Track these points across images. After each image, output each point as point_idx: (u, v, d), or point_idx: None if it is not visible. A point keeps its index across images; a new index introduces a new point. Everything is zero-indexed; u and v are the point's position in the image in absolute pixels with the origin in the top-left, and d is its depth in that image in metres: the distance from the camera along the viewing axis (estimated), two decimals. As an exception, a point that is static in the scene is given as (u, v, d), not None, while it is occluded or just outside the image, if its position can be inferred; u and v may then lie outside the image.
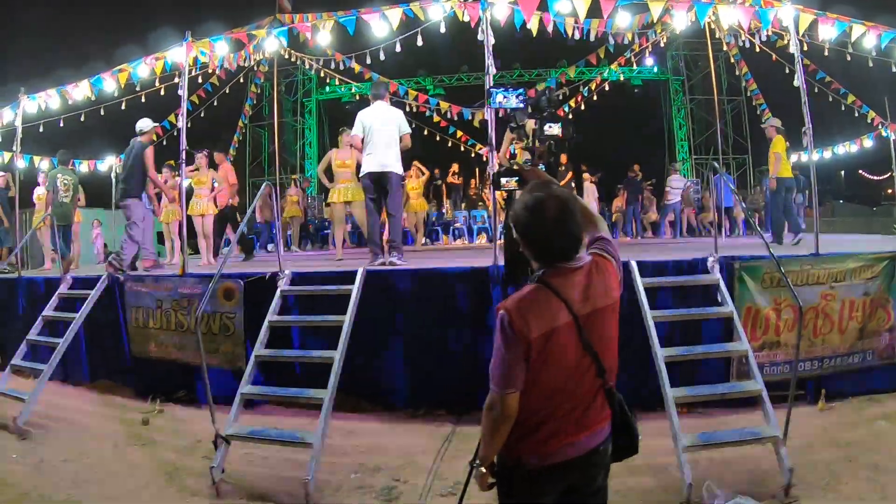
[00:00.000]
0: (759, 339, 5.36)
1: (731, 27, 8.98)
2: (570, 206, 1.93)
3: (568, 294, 1.87)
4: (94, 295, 6.52)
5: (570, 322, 1.85)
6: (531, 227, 1.93)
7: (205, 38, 7.61)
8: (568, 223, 1.91)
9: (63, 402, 6.39)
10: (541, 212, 1.90)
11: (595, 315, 1.91)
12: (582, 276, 1.93)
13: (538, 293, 1.90)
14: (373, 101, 6.78)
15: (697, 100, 18.75)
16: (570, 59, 17.62)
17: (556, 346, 1.84)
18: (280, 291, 5.47)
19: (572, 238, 1.92)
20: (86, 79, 8.50)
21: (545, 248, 1.95)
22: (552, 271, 1.93)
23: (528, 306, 1.86)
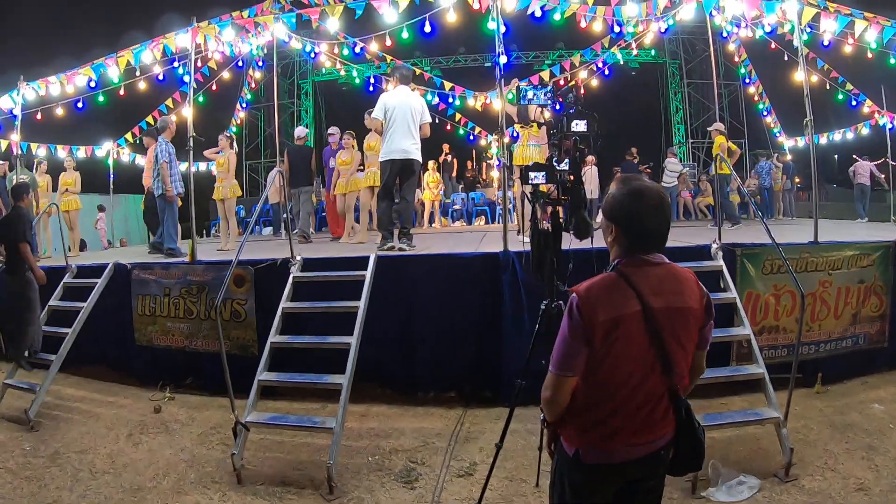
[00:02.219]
0: (758, 324, 5.53)
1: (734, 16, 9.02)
2: (666, 197, 1.99)
3: (641, 285, 1.87)
4: (100, 284, 6.50)
5: (639, 311, 1.84)
6: (633, 212, 1.93)
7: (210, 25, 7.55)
8: (665, 211, 1.96)
9: (73, 393, 6.44)
10: (642, 198, 1.92)
11: (668, 312, 1.87)
12: (659, 271, 1.93)
13: (611, 280, 1.91)
14: (396, 84, 6.74)
15: (695, 84, 18.75)
16: (568, 42, 17.62)
17: (623, 334, 1.83)
18: (292, 278, 5.51)
19: (666, 226, 1.96)
20: (87, 65, 8.46)
21: (641, 234, 1.94)
22: (629, 261, 1.93)
23: (598, 291, 1.87)
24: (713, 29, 10.54)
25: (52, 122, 10.07)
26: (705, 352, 2.07)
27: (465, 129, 16.46)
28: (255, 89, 17.03)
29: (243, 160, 19.65)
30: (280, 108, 18.11)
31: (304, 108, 20.84)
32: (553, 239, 3.29)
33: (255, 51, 13.29)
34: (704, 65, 17.64)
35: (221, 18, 9.97)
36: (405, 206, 6.75)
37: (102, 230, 16.32)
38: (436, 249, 6.64)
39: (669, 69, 19.45)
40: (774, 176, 14.33)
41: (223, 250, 8.49)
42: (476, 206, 15.28)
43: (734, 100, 18.50)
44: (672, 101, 19.51)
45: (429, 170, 13.72)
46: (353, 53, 11.84)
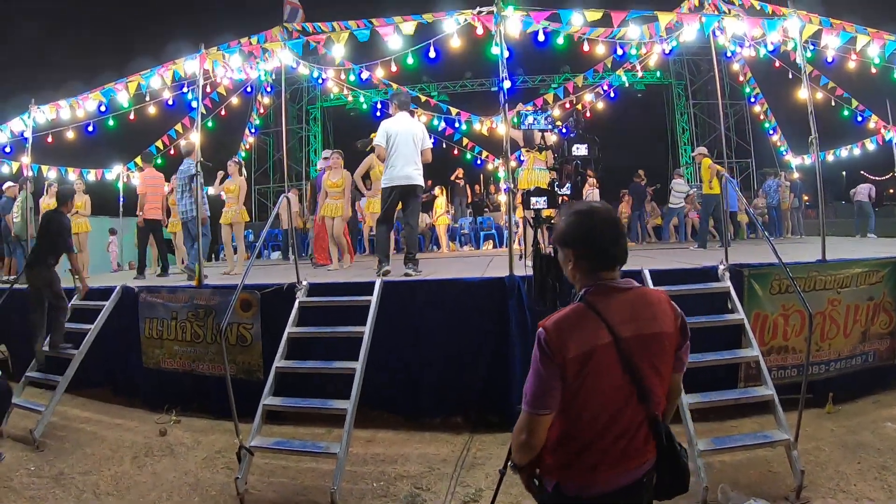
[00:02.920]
0: (767, 345, 5.48)
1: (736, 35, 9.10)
2: (616, 215, 1.97)
3: (610, 314, 1.82)
4: (108, 306, 6.58)
5: (610, 342, 1.79)
6: (584, 233, 1.92)
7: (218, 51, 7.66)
8: (619, 226, 1.95)
9: (78, 414, 6.45)
10: (592, 218, 1.91)
11: (640, 339, 1.83)
12: (627, 296, 1.89)
13: (579, 312, 1.85)
14: (397, 111, 6.74)
15: (700, 104, 18.82)
16: (574, 66, 17.75)
17: (596, 366, 1.78)
18: (298, 303, 5.53)
19: (623, 241, 1.94)
20: (97, 90, 8.61)
21: (599, 255, 1.92)
22: (595, 289, 1.89)
23: (566, 325, 1.82)
24: (717, 49, 10.60)
25: (63, 145, 10.23)
26: (682, 374, 2.03)
27: (473, 153, 16.53)
28: (264, 115, 17.19)
29: (252, 185, 19.82)
30: (288, 133, 18.32)
31: (313, 134, 21.05)
32: (555, 263, 3.29)
33: (263, 77, 13.48)
34: (710, 85, 17.75)
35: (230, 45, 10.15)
36: (409, 231, 6.71)
37: (114, 253, 16.45)
38: (442, 274, 6.62)
39: (675, 90, 19.56)
40: (782, 194, 14.32)
41: (228, 274, 8.54)
42: (484, 231, 15.28)
43: (740, 119, 18.55)
44: (678, 122, 19.59)
45: (438, 195, 13.79)
46: (360, 79, 11.97)
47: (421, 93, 16.13)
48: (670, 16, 6.73)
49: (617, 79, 14.51)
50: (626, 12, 6.59)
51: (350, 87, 13.93)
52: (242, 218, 9.20)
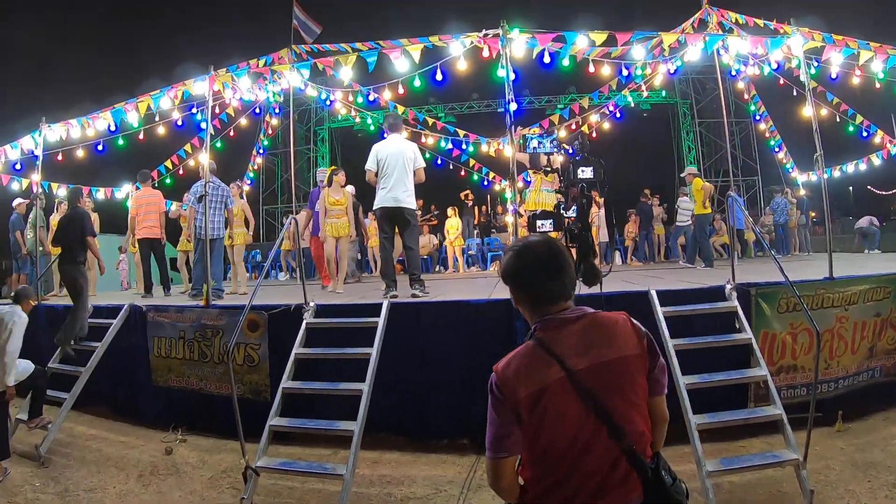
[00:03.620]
0: (775, 364, 5.46)
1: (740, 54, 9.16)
2: (556, 246, 1.90)
3: (561, 348, 1.76)
4: (116, 324, 6.67)
5: (563, 378, 1.72)
6: (517, 272, 1.89)
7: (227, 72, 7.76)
8: (554, 263, 1.86)
9: (85, 431, 6.48)
10: (524, 256, 1.88)
11: (599, 369, 1.74)
12: (578, 326, 1.81)
13: (527, 350, 1.80)
14: (388, 134, 6.79)
15: (706, 123, 18.87)
16: (580, 86, 17.86)
17: (550, 404, 1.71)
18: (305, 324, 5.56)
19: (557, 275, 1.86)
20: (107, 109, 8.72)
21: (534, 293, 1.88)
22: (543, 324, 1.84)
23: (516, 365, 1.78)
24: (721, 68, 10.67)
25: (73, 163, 10.29)
26: (663, 397, 1.90)
27: (480, 174, 16.60)
28: (272, 135, 17.32)
29: (260, 205, 19.94)
30: (296, 153, 18.48)
31: (321, 154, 21.21)
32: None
33: (271, 98, 13.61)
34: (715, 103, 17.82)
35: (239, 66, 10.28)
36: (411, 254, 6.70)
37: (124, 272, 16.53)
38: (449, 296, 6.61)
39: (681, 109, 19.63)
40: (789, 212, 14.30)
41: (233, 293, 8.57)
42: (491, 251, 15.28)
43: (746, 137, 18.63)
44: (684, 141, 19.63)
45: (451, 216, 13.84)
46: (367, 101, 12.07)
47: (428, 114, 16.24)
48: (674, 36, 6.78)
49: (622, 99, 14.59)
50: (630, 33, 6.65)
51: (357, 109, 14.04)
52: (243, 240, 9.34)
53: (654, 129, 20.49)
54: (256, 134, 16.58)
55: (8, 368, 5.38)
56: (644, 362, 1.81)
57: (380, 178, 6.57)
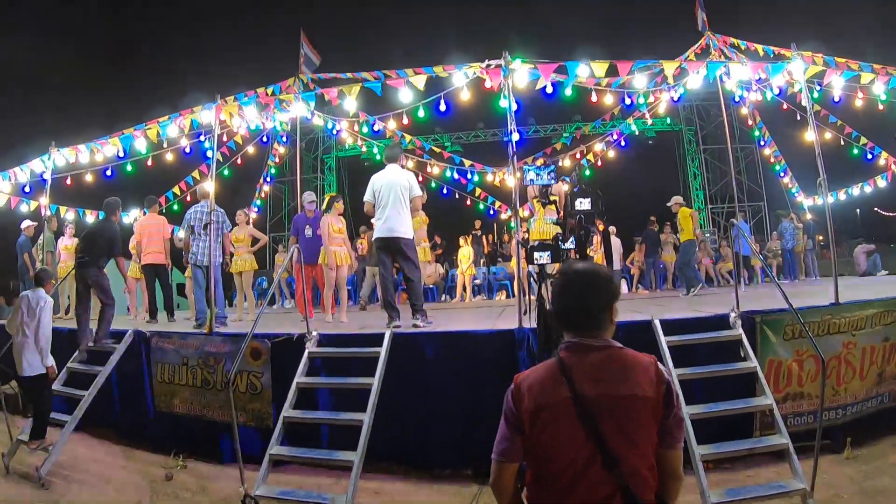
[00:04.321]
0: (782, 391, 5.40)
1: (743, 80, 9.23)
2: (597, 279, 1.90)
3: (576, 371, 1.79)
4: (120, 349, 6.68)
5: (568, 399, 1.74)
6: (558, 289, 1.95)
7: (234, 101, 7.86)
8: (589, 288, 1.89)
9: (86, 454, 6.43)
10: (566, 275, 1.97)
11: (606, 400, 1.75)
12: (599, 356, 1.83)
13: (547, 367, 1.87)
14: (386, 164, 6.79)
15: (711, 149, 18.90)
16: (585, 114, 17.98)
17: (550, 422, 1.75)
18: (308, 353, 5.55)
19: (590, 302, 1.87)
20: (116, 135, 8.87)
21: (564, 310, 1.92)
22: (568, 346, 1.87)
23: (532, 378, 1.85)
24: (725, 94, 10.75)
25: (82, 187, 10.45)
26: (676, 452, 1.84)
27: (486, 203, 16.64)
28: (279, 164, 17.46)
29: (267, 232, 20.03)
30: (303, 182, 18.60)
31: (328, 183, 21.33)
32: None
33: (279, 126, 13.78)
34: (719, 130, 17.86)
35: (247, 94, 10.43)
36: (410, 285, 6.64)
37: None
38: (452, 326, 6.58)
39: (685, 136, 19.69)
40: (796, 237, 14.26)
41: (238, 321, 8.58)
42: (497, 280, 15.25)
43: (751, 162, 18.62)
44: (690, 168, 19.65)
45: (461, 245, 13.84)
46: (372, 131, 12.19)
47: (434, 144, 16.39)
48: (675, 64, 6.84)
49: (627, 127, 14.68)
50: (631, 62, 6.71)
51: (364, 138, 14.18)
52: (251, 267, 9.36)
53: (659, 157, 20.56)
54: (264, 162, 16.76)
55: (44, 350, 5.87)
56: (657, 408, 1.78)
57: (376, 209, 6.57)
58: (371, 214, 6.67)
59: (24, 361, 5.81)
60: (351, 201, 15.88)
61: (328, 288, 8.24)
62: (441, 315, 8.13)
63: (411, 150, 15.06)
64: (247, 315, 9.16)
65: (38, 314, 5.91)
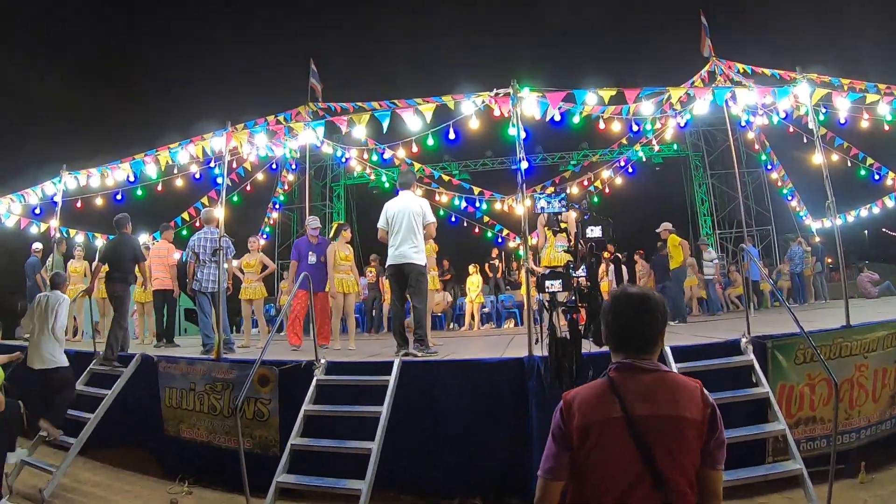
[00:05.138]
0: (794, 416, 5.34)
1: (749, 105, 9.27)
2: (650, 303, 1.96)
3: (626, 391, 1.83)
4: (126, 373, 6.74)
5: (620, 417, 1.78)
6: (612, 310, 1.98)
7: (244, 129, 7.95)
8: (645, 312, 1.93)
9: (90, 478, 6.41)
10: (621, 298, 1.98)
11: (656, 421, 1.79)
12: (649, 378, 1.88)
13: (597, 386, 1.91)
14: (399, 190, 6.81)
15: (718, 174, 18.86)
16: (592, 142, 18.06)
17: (601, 440, 1.78)
18: (316, 381, 5.55)
19: (645, 326, 1.93)
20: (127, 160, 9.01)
21: (620, 332, 1.96)
22: (619, 367, 1.92)
23: (583, 395, 1.88)
24: (731, 119, 10.79)
25: (92, 211, 10.60)
26: (718, 473, 1.89)
27: (494, 231, 16.65)
28: (288, 191, 17.57)
29: (276, 259, 20.07)
30: (313, 209, 18.69)
31: (336, 210, 21.39)
32: (570, 347, 3.26)
33: (288, 154, 13.93)
34: (726, 155, 17.84)
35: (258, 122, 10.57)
36: (415, 312, 6.60)
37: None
38: (461, 355, 6.55)
39: (692, 161, 19.67)
40: (805, 260, 14.17)
41: (245, 347, 8.57)
42: (505, 308, 15.19)
43: (758, 186, 18.50)
44: (697, 193, 19.60)
45: (471, 273, 13.83)
46: (382, 159, 12.28)
47: (443, 172, 16.48)
48: (682, 90, 6.88)
49: (634, 154, 14.73)
50: (638, 90, 6.76)
51: (372, 166, 14.28)
52: (261, 294, 9.42)
53: (667, 183, 20.52)
54: (273, 189, 16.88)
55: (60, 346, 6.40)
56: (702, 431, 1.83)
57: (389, 236, 6.58)
58: (385, 241, 6.68)
59: (45, 354, 6.25)
60: (359, 229, 15.91)
61: (335, 316, 8.18)
62: (450, 343, 8.09)
63: (420, 178, 15.16)
64: (257, 342, 9.15)
65: (55, 310, 6.42)
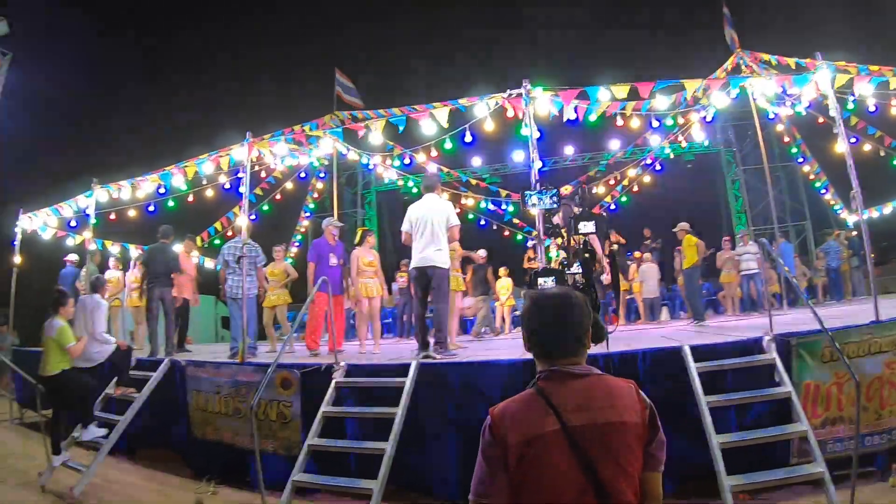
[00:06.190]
0: (820, 416, 5.14)
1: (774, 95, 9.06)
2: (572, 302, 1.86)
3: (560, 401, 1.72)
4: (156, 377, 6.99)
5: (558, 430, 1.67)
6: (530, 318, 1.89)
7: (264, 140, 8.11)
8: (567, 313, 1.84)
9: (120, 477, 6.64)
10: (539, 304, 1.88)
11: (596, 429, 1.69)
12: (582, 384, 1.78)
13: (527, 397, 1.79)
14: (424, 194, 6.83)
15: (750, 170, 18.34)
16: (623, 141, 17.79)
17: (539, 455, 1.66)
18: (335, 383, 5.64)
19: (569, 328, 1.84)
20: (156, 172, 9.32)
21: (543, 341, 1.87)
22: (547, 375, 1.81)
23: (513, 410, 1.76)
24: (759, 111, 10.54)
25: (126, 222, 10.97)
26: (658, 474, 1.81)
27: (523, 233, 16.59)
28: (318, 199, 17.79)
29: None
30: (345, 217, 18.87)
31: (368, 217, 21.53)
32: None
33: (315, 163, 14.13)
34: (758, 149, 17.41)
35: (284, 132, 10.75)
36: (436, 315, 6.62)
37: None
38: (478, 356, 6.57)
39: (724, 157, 19.24)
40: (840, 255, 13.75)
41: (272, 352, 8.80)
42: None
43: (792, 180, 17.95)
44: (730, 190, 19.16)
45: (500, 276, 13.77)
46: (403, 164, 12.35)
47: (472, 176, 16.46)
48: (697, 83, 6.76)
49: (661, 151, 14.52)
50: (652, 83, 6.67)
51: (400, 173, 14.37)
52: (284, 301, 9.67)
53: (699, 180, 20.08)
54: (303, 197, 17.12)
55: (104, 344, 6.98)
56: (643, 433, 1.76)
57: (413, 239, 6.60)
58: (408, 244, 6.70)
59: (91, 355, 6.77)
60: (391, 235, 16.02)
61: (361, 320, 8.30)
62: (475, 346, 8.07)
63: (447, 182, 15.23)
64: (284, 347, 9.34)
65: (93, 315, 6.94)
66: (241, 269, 7.95)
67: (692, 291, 10.43)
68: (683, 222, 10.55)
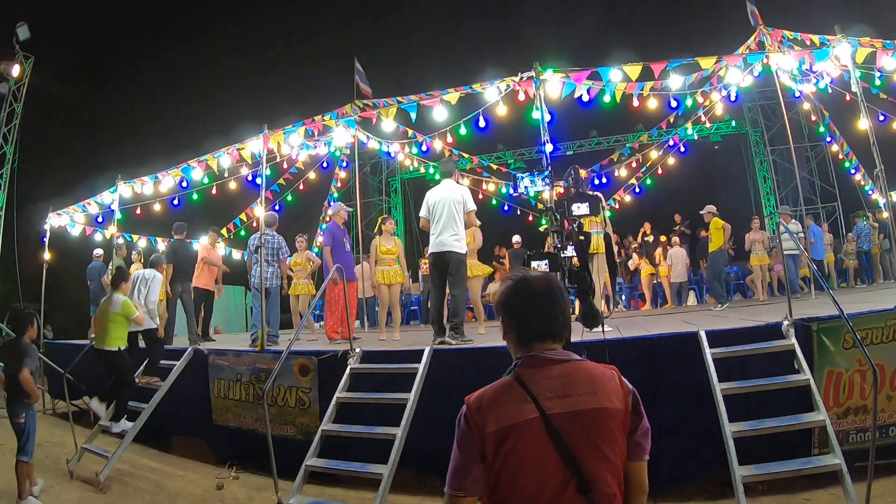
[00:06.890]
0: (842, 405, 4.93)
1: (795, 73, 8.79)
2: (555, 285, 1.82)
3: (538, 388, 1.66)
4: (179, 366, 7.18)
5: (536, 418, 1.61)
6: (509, 302, 1.82)
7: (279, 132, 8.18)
8: (550, 299, 1.79)
9: (146, 463, 6.89)
10: (519, 287, 1.82)
11: (576, 416, 1.63)
12: (560, 369, 1.71)
13: (504, 385, 1.72)
14: (441, 179, 6.84)
15: (779, 150, 17.83)
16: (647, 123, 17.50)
17: (518, 445, 1.60)
18: (350, 369, 5.71)
19: (551, 314, 1.79)
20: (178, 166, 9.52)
21: (523, 326, 1.80)
22: (525, 361, 1.75)
23: (489, 398, 1.69)
24: (784, 90, 10.25)
25: (151, 216, 11.26)
26: (643, 464, 1.75)
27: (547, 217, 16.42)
28: (342, 188, 17.90)
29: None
30: (370, 205, 18.94)
31: (394, 205, 21.62)
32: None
33: (338, 152, 14.19)
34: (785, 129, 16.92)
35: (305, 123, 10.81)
36: (452, 300, 6.59)
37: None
38: (491, 342, 6.48)
39: (752, 138, 18.78)
40: (872, 237, 13.36)
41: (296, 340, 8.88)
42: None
43: (821, 160, 17.33)
44: (759, 171, 18.72)
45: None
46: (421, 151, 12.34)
47: (497, 161, 16.32)
48: (711, 59, 6.59)
49: (684, 132, 14.27)
50: (665, 62, 6.53)
51: (422, 160, 14.35)
52: (307, 291, 9.86)
53: (727, 161, 19.74)
54: (327, 187, 17.23)
55: (153, 314, 7.64)
56: (626, 421, 1.70)
57: (431, 225, 6.62)
58: (426, 230, 6.74)
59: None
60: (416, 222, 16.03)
61: (381, 307, 8.40)
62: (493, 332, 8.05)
63: (470, 168, 15.19)
64: (309, 335, 9.53)
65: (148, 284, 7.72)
66: (266, 260, 8.10)
67: (714, 274, 10.32)
68: (710, 205, 10.44)
